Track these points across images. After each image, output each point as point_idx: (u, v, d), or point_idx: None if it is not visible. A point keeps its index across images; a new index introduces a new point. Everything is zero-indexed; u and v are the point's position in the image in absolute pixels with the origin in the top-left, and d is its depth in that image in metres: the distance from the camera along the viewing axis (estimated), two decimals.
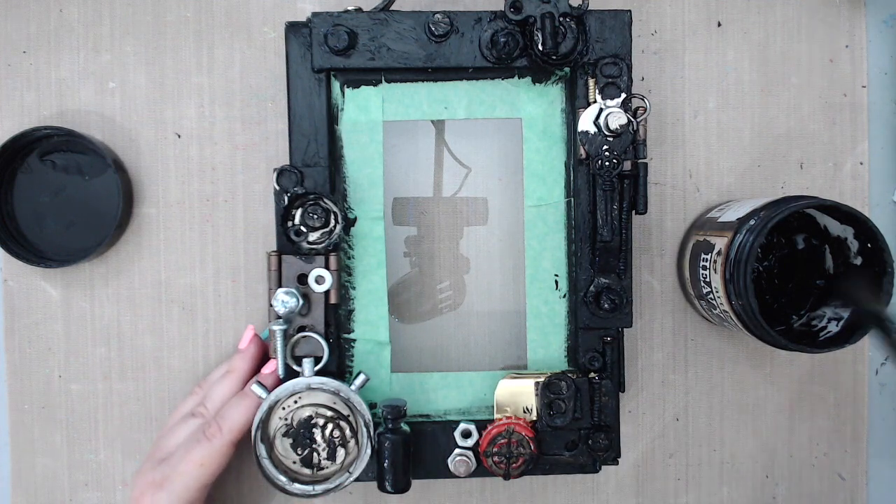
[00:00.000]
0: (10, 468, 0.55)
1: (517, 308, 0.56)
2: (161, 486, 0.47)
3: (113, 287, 0.55)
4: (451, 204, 0.56)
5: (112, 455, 0.55)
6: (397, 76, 0.51)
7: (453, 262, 0.56)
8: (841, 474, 0.57)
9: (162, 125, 0.55)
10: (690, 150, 0.56)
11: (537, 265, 0.53)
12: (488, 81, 0.52)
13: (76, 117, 0.55)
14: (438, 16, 0.48)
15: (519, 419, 0.49)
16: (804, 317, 0.52)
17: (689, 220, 0.56)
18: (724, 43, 0.56)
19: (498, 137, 0.56)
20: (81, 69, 0.55)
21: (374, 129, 0.52)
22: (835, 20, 0.56)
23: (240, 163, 0.55)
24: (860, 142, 0.56)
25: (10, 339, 0.55)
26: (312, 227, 0.48)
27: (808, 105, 0.56)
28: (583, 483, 0.57)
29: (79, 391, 0.55)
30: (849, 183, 0.56)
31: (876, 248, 0.46)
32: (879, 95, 0.57)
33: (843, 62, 0.56)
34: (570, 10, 0.48)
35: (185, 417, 0.50)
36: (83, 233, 0.54)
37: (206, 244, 0.55)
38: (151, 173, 0.55)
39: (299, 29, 0.49)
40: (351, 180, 0.52)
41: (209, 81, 0.55)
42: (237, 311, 0.55)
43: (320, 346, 0.49)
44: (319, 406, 0.47)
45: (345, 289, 0.52)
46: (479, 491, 0.57)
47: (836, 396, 0.57)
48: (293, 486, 0.47)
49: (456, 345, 0.56)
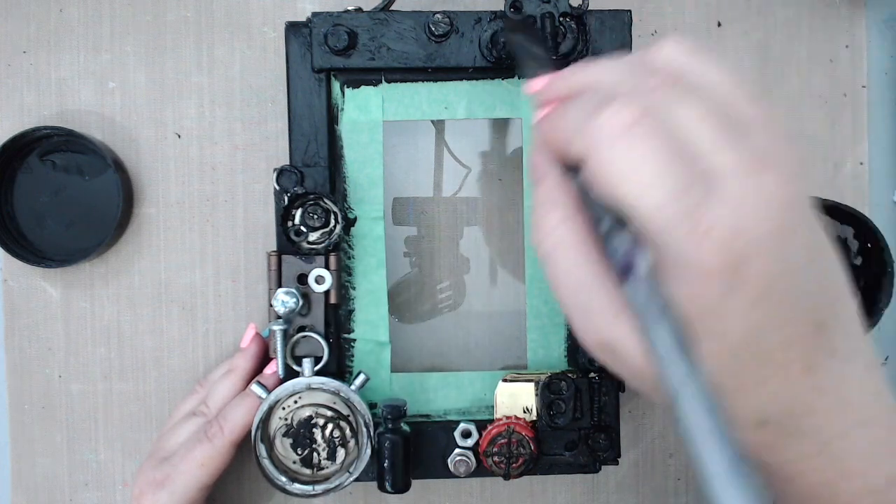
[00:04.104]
0: (10, 468, 0.55)
1: (517, 308, 0.56)
2: (162, 486, 0.47)
3: (113, 287, 0.55)
4: (451, 204, 0.56)
5: (112, 455, 0.55)
6: (397, 76, 0.51)
7: (453, 262, 0.56)
8: None
9: (162, 125, 0.55)
10: None
11: (537, 265, 0.53)
12: (488, 81, 0.52)
13: (76, 117, 0.55)
14: (438, 16, 0.48)
15: (519, 419, 0.49)
16: None
17: None
18: (724, 43, 0.56)
19: (498, 137, 0.56)
20: (81, 69, 0.55)
21: (374, 129, 0.52)
22: (835, 20, 0.56)
23: (240, 163, 0.55)
24: (860, 142, 0.56)
25: (10, 339, 0.55)
26: (312, 227, 0.48)
27: (808, 105, 0.56)
28: (583, 483, 0.57)
29: (79, 391, 0.55)
30: (849, 183, 0.56)
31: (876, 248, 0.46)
32: (879, 95, 0.57)
33: (843, 62, 0.56)
34: (570, 10, 0.48)
35: (187, 416, 0.50)
36: (83, 233, 0.54)
37: (206, 244, 0.55)
38: (151, 173, 0.55)
39: (299, 29, 0.49)
40: (351, 180, 0.52)
41: (209, 81, 0.55)
42: (237, 311, 0.55)
43: (320, 346, 0.49)
44: (319, 406, 0.47)
45: (345, 289, 0.52)
46: (479, 491, 0.57)
47: None
48: (293, 486, 0.47)
49: (456, 345, 0.56)
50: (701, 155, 0.25)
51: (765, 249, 0.25)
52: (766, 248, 0.25)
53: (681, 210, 0.25)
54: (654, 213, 0.25)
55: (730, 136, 0.25)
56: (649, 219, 0.25)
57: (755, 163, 0.25)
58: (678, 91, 0.26)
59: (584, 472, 0.51)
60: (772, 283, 0.25)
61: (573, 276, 0.28)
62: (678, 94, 0.26)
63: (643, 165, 0.25)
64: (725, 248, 0.24)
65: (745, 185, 0.25)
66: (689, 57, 0.28)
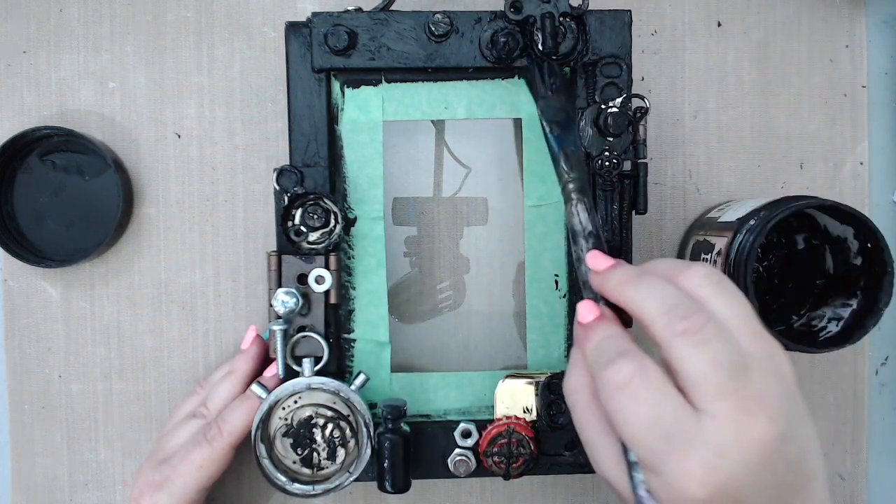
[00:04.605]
0: (10, 468, 0.55)
1: (517, 308, 0.56)
2: (161, 487, 0.47)
3: (113, 287, 0.55)
4: (451, 204, 0.56)
5: (112, 455, 0.55)
6: (397, 76, 0.51)
7: (453, 262, 0.56)
8: (841, 474, 0.57)
9: (162, 125, 0.55)
10: (690, 150, 0.56)
11: (537, 265, 0.53)
12: (488, 81, 0.52)
13: (76, 117, 0.55)
14: (438, 16, 0.48)
15: (519, 419, 0.49)
16: (804, 317, 0.52)
17: (689, 221, 0.56)
18: (724, 43, 0.56)
19: (498, 137, 0.56)
20: (81, 69, 0.55)
21: (374, 129, 0.52)
22: (835, 20, 0.56)
23: (240, 163, 0.55)
24: (860, 142, 0.56)
25: (10, 339, 0.55)
26: (312, 227, 0.48)
27: (808, 105, 0.56)
28: (583, 483, 0.57)
29: (79, 391, 0.55)
30: (849, 183, 0.56)
31: (876, 248, 0.46)
32: (879, 95, 0.57)
33: (843, 62, 0.56)
34: (570, 10, 0.48)
35: (187, 418, 0.50)
36: (83, 233, 0.54)
37: (206, 244, 0.55)
38: (151, 173, 0.55)
39: (299, 29, 0.49)
40: (351, 180, 0.52)
41: (209, 81, 0.55)
42: (237, 311, 0.55)
43: (320, 346, 0.49)
44: (319, 406, 0.47)
45: (345, 289, 0.52)
46: (479, 491, 0.57)
47: (836, 396, 0.57)
48: (293, 485, 0.47)
49: (456, 345, 0.56)
50: (703, 397, 0.31)
51: (741, 480, 0.30)
52: (742, 479, 0.30)
53: (668, 450, 0.31)
54: (645, 453, 0.32)
55: (731, 383, 0.31)
56: (644, 456, 0.32)
57: (746, 409, 0.31)
58: (702, 337, 0.32)
59: (584, 472, 0.51)
60: (744, 499, 0.31)
61: (587, 425, 0.36)
62: (701, 340, 0.32)
63: (634, 415, 0.32)
64: (706, 481, 0.30)
65: (730, 430, 0.30)
66: (713, 288, 0.34)
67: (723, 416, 0.31)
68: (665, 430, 0.31)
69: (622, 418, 0.32)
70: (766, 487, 0.31)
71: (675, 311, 0.33)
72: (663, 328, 0.33)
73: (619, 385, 0.32)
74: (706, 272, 0.34)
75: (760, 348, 0.33)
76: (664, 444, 0.31)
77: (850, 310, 0.48)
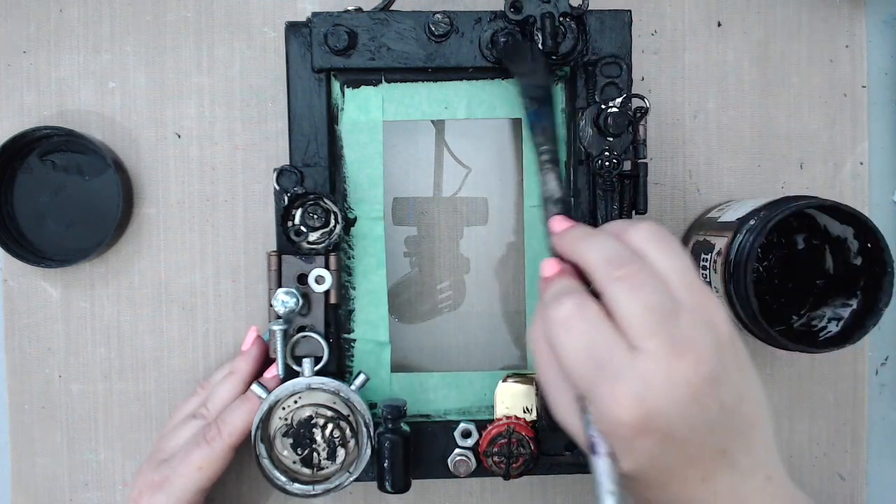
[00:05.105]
0: (10, 468, 0.55)
1: (517, 308, 0.56)
2: (160, 488, 0.47)
3: (113, 287, 0.55)
4: (451, 204, 0.56)
5: (112, 455, 0.55)
6: (397, 76, 0.51)
7: (453, 262, 0.56)
8: (841, 474, 0.57)
9: (162, 125, 0.55)
10: (690, 150, 0.56)
11: (537, 265, 0.53)
12: (488, 81, 0.52)
13: (76, 117, 0.55)
14: (438, 16, 0.48)
15: (519, 419, 0.49)
16: (804, 317, 0.52)
17: (689, 220, 0.56)
18: (724, 43, 0.56)
19: (498, 137, 0.56)
20: (81, 69, 0.55)
21: (374, 129, 0.52)
22: (835, 20, 0.56)
23: (240, 163, 0.55)
24: (860, 142, 0.56)
25: (10, 339, 0.55)
26: (312, 227, 0.48)
27: (808, 105, 0.56)
28: (583, 483, 0.57)
29: (79, 391, 0.55)
30: (849, 183, 0.56)
31: (876, 248, 0.46)
32: (879, 95, 0.57)
33: (843, 62, 0.56)
34: (570, 10, 0.48)
35: (187, 419, 0.50)
36: (83, 233, 0.54)
37: (206, 244, 0.55)
38: (151, 173, 0.55)
39: (299, 29, 0.49)
40: (351, 180, 0.52)
41: (209, 81, 0.55)
42: (237, 311, 0.55)
43: (320, 346, 0.49)
44: (319, 406, 0.47)
45: (345, 289, 0.52)
46: (479, 491, 0.57)
47: (836, 396, 0.57)
48: (293, 485, 0.47)
49: (456, 345, 0.56)
50: (635, 336, 0.33)
51: (667, 413, 0.33)
52: (669, 412, 0.33)
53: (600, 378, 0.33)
54: (580, 382, 0.34)
55: (660, 324, 0.33)
56: (579, 385, 0.34)
57: (674, 349, 0.33)
58: (635, 282, 0.34)
59: (584, 472, 0.51)
60: (674, 432, 0.33)
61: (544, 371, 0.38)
62: (634, 285, 0.34)
63: (571, 346, 0.34)
64: (633, 409, 0.33)
65: (659, 366, 0.33)
66: (654, 243, 0.36)
67: (653, 354, 0.33)
68: (598, 361, 0.34)
69: (561, 349, 0.35)
70: (699, 426, 0.33)
71: (614, 261, 0.35)
72: (603, 276, 0.35)
73: (560, 320, 0.35)
74: (650, 228, 0.36)
75: (693, 298, 0.35)
76: (597, 373, 0.33)
77: (850, 310, 0.48)
